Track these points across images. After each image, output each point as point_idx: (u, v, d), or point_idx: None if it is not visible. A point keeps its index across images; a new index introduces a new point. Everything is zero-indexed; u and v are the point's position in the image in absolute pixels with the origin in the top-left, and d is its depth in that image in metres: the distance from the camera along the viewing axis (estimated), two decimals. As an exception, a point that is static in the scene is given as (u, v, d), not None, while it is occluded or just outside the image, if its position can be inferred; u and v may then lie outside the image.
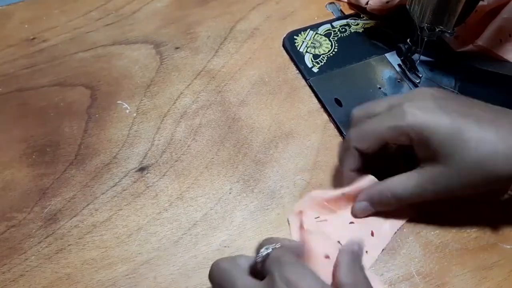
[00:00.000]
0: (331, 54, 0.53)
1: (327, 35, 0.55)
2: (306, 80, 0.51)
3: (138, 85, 0.51)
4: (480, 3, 0.46)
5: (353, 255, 0.32)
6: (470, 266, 0.39)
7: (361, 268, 0.32)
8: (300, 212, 0.41)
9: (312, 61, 0.53)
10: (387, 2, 0.54)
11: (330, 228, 0.40)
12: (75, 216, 0.42)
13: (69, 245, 0.41)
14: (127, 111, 0.49)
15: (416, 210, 0.41)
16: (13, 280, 0.39)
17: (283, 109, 0.49)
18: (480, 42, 0.50)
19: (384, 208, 0.40)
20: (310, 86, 0.51)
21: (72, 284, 0.39)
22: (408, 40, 0.49)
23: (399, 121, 0.36)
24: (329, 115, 0.48)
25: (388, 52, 0.53)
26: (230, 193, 0.44)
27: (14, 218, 0.42)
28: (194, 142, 0.47)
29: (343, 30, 0.56)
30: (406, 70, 0.51)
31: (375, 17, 0.56)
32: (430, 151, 0.35)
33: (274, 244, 0.32)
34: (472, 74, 0.51)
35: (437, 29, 0.45)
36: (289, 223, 0.41)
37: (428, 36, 0.46)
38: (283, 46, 0.54)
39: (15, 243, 0.41)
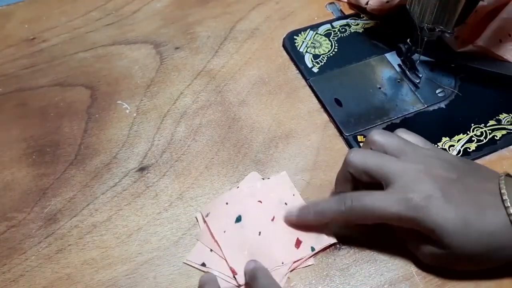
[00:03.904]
0: (331, 54, 0.53)
1: (327, 35, 0.55)
2: (306, 80, 0.51)
3: (138, 85, 0.51)
4: (480, 3, 0.45)
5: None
6: (470, 266, 0.39)
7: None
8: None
9: (312, 61, 0.53)
10: (387, 2, 0.54)
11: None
12: (75, 216, 0.42)
13: (69, 245, 0.41)
14: (127, 111, 0.49)
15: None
16: (13, 280, 0.39)
17: (283, 109, 0.49)
18: (480, 42, 0.50)
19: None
20: (310, 86, 0.51)
21: (72, 284, 0.39)
22: (408, 40, 0.49)
23: (406, 211, 0.35)
24: (329, 115, 0.48)
25: (388, 52, 0.53)
26: (230, 193, 0.44)
27: (14, 218, 0.42)
28: (194, 142, 0.47)
29: (343, 30, 0.56)
30: (406, 70, 0.51)
31: (375, 17, 0.56)
32: (434, 236, 0.36)
33: None
34: (472, 74, 0.51)
35: (437, 29, 0.45)
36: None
37: (428, 36, 0.46)
38: (283, 46, 0.54)
39: (15, 243, 0.41)
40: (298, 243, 0.40)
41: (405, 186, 0.36)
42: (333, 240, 0.40)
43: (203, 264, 0.39)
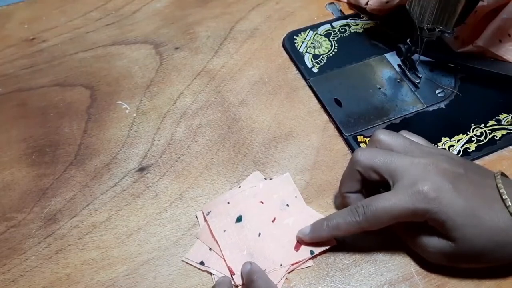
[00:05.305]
0: (331, 54, 0.53)
1: (327, 35, 0.55)
2: (306, 80, 0.51)
3: (138, 85, 0.51)
4: (480, 3, 0.46)
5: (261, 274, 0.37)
6: (470, 266, 0.39)
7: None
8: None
9: (312, 61, 0.53)
10: (386, 2, 0.54)
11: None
12: (75, 216, 0.42)
13: (69, 245, 0.41)
14: (127, 111, 0.49)
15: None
16: (13, 281, 0.39)
17: (283, 109, 0.49)
18: (480, 42, 0.50)
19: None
20: (310, 86, 0.51)
21: (72, 284, 0.39)
22: (408, 40, 0.49)
23: (418, 203, 0.35)
24: (329, 115, 0.48)
25: (388, 52, 0.53)
26: (230, 193, 0.44)
27: (14, 218, 0.42)
28: (194, 142, 0.47)
29: (343, 30, 0.56)
30: (406, 70, 0.51)
31: (374, 17, 0.56)
32: (444, 229, 0.36)
33: None
34: (472, 74, 0.51)
35: (437, 29, 0.45)
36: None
37: (428, 36, 0.46)
38: (283, 46, 0.54)
39: (15, 243, 0.41)
40: (298, 246, 0.40)
41: (414, 179, 0.36)
42: (333, 243, 0.40)
43: (202, 263, 0.39)
